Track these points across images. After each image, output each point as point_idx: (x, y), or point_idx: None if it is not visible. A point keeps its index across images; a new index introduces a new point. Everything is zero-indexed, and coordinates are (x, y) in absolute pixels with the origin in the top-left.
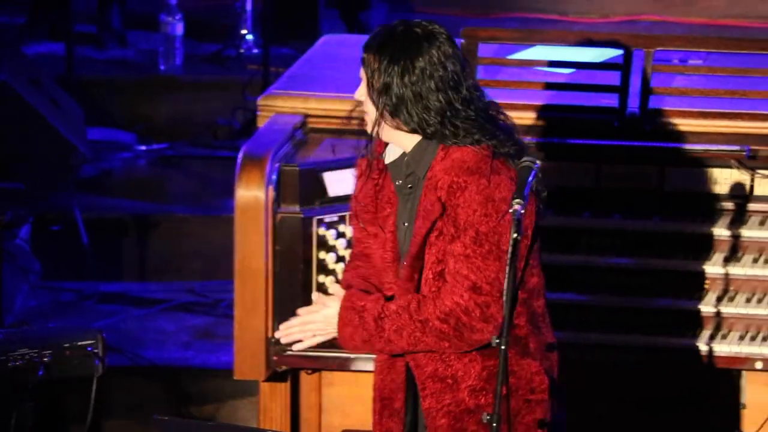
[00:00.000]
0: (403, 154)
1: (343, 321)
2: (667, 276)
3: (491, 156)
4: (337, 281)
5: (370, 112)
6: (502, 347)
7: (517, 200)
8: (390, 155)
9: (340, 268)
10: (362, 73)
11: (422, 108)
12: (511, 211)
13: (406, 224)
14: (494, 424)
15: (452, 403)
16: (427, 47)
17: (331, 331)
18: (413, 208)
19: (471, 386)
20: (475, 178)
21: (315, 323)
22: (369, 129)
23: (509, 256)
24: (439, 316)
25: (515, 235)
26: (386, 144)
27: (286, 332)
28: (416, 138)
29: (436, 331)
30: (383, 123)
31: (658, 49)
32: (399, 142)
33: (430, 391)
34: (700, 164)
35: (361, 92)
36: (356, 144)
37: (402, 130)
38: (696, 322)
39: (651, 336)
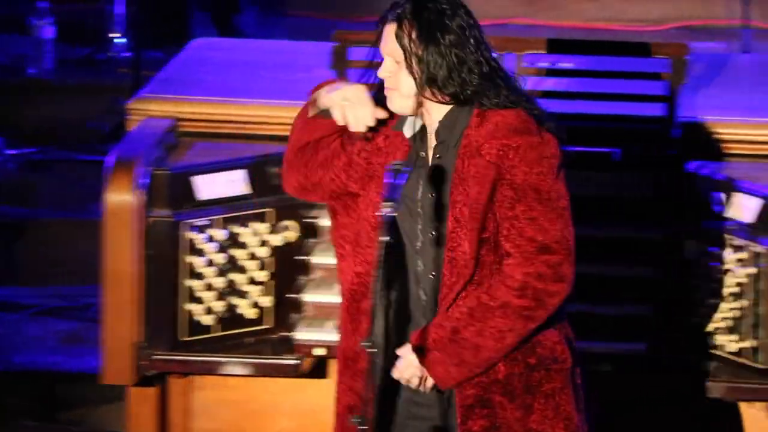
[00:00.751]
0: (424, 126)
1: (429, 363)
2: None
3: (531, 116)
4: (207, 286)
5: (404, 85)
6: (373, 350)
7: (389, 204)
8: (408, 128)
9: (210, 272)
10: (389, 48)
11: (466, 71)
12: (380, 214)
13: (425, 195)
14: (364, 427)
15: (483, 373)
16: (456, 8)
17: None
18: (439, 179)
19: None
20: (526, 138)
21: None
22: (398, 105)
23: (381, 257)
24: (515, 293)
25: (386, 238)
26: (391, 118)
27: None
28: (446, 107)
29: (518, 311)
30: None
31: (528, 52)
32: (428, 113)
33: None
34: (572, 167)
35: (389, 68)
36: (230, 148)
37: (434, 99)
38: None
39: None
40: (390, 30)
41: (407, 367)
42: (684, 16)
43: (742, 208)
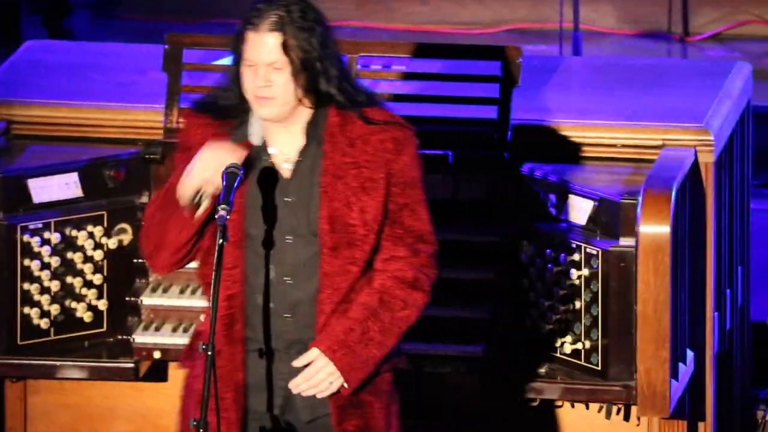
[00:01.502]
0: (268, 130)
1: (342, 366)
2: None
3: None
4: (43, 289)
5: (287, 92)
6: (209, 353)
7: (223, 206)
8: (255, 136)
9: (45, 275)
10: (267, 57)
11: (340, 73)
12: (216, 217)
13: (289, 199)
14: (201, 430)
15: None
16: (317, 12)
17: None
18: (305, 181)
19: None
20: (404, 130)
21: (318, 372)
22: (277, 112)
23: (216, 259)
24: (409, 287)
25: (221, 241)
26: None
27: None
28: (310, 109)
29: (415, 304)
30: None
31: (362, 54)
32: (293, 118)
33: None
34: None
35: (267, 77)
36: (63, 150)
37: (308, 103)
38: None
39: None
40: (267, 39)
41: (318, 372)
42: (515, 19)
43: (576, 210)
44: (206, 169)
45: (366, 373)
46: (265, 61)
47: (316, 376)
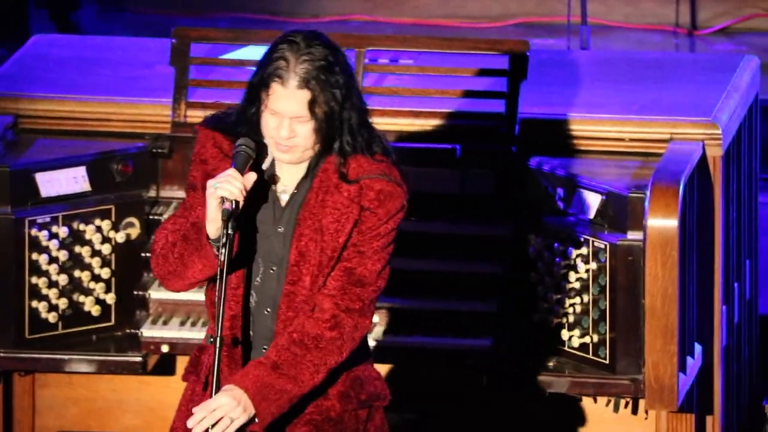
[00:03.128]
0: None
1: (255, 399)
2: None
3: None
4: (51, 283)
5: (310, 140)
6: (217, 345)
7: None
8: (265, 163)
9: (53, 269)
10: (293, 111)
11: (359, 124)
12: (222, 208)
13: (280, 229)
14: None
15: (315, 411)
16: (341, 59)
17: (242, 411)
18: (293, 213)
19: (341, 393)
20: (392, 186)
21: (221, 407)
22: (300, 157)
23: (227, 251)
24: (326, 325)
25: (229, 232)
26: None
27: (196, 424)
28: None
29: (331, 343)
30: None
31: (369, 48)
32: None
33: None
34: (413, 163)
35: (292, 129)
36: (71, 144)
37: (315, 149)
38: None
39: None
40: (296, 96)
41: (229, 404)
42: (523, 12)
43: (583, 203)
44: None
45: (279, 410)
46: (291, 114)
47: (227, 407)
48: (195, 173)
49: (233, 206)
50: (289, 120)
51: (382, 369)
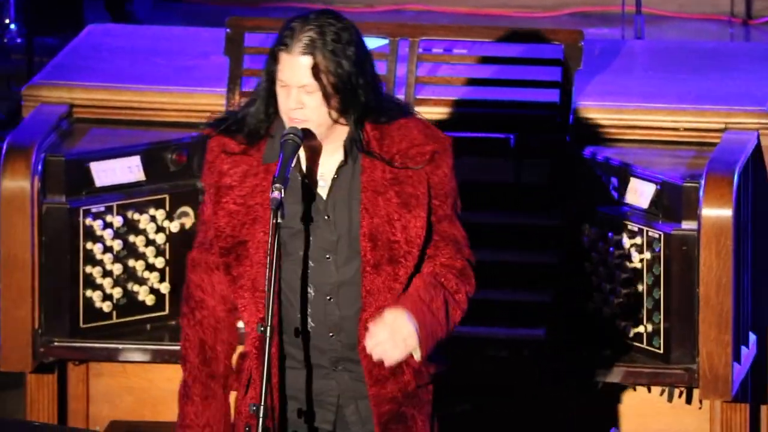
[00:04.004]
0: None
1: (423, 333)
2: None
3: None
4: (105, 272)
5: (319, 115)
6: (267, 335)
7: (277, 185)
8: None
9: (107, 258)
10: (298, 80)
11: (373, 91)
12: (271, 197)
13: (327, 217)
14: (260, 416)
15: (396, 389)
16: (350, 29)
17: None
18: (344, 198)
19: (414, 369)
20: (442, 142)
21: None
22: (314, 127)
23: (270, 240)
24: (460, 279)
25: (275, 221)
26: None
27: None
28: (346, 127)
29: (467, 290)
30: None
31: (423, 38)
32: (330, 137)
33: (376, 378)
34: (468, 153)
35: (300, 100)
36: (125, 134)
37: (343, 122)
38: None
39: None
40: (300, 62)
41: (399, 331)
42: (578, 2)
43: (638, 193)
44: None
45: (430, 347)
46: (297, 83)
47: (397, 335)
48: (208, 186)
49: (282, 195)
50: (296, 90)
51: None
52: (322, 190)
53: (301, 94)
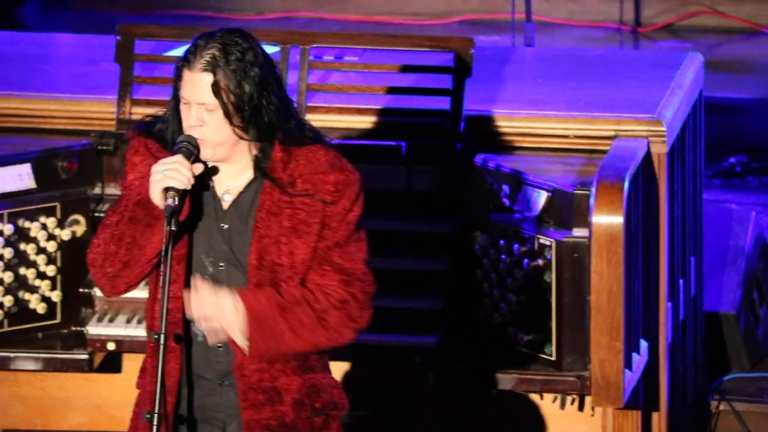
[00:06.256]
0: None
1: (253, 323)
2: None
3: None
4: None
5: (218, 134)
6: (161, 343)
7: (171, 192)
8: (197, 165)
9: None
10: (199, 97)
11: (278, 111)
12: (164, 205)
13: (225, 226)
14: (155, 424)
15: (272, 417)
16: (256, 49)
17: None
18: (243, 213)
19: (294, 399)
20: (346, 174)
21: (227, 309)
22: (210, 154)
23: (164, 247)
24: (337, 305)
25: (169, 228)
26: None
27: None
28: (254, 145)
29: (340, 320)
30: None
31: (314, 45)
32: (235, 156)
33: (251, 402)
34: (360, 160)
35: (200, 117)
36: (15, 141)
37: (248, 140)
38: None
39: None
40: (200, 79)
41: (232, 310)
42: (468, 9)
43: (529, 200)
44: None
45: (263, 344)
46: (197, 100)
47: (219, 302)
48: (130, 176)
49: (176, 202)
50: (197, 107)
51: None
52: (225, 203)
53: (201, 111)
